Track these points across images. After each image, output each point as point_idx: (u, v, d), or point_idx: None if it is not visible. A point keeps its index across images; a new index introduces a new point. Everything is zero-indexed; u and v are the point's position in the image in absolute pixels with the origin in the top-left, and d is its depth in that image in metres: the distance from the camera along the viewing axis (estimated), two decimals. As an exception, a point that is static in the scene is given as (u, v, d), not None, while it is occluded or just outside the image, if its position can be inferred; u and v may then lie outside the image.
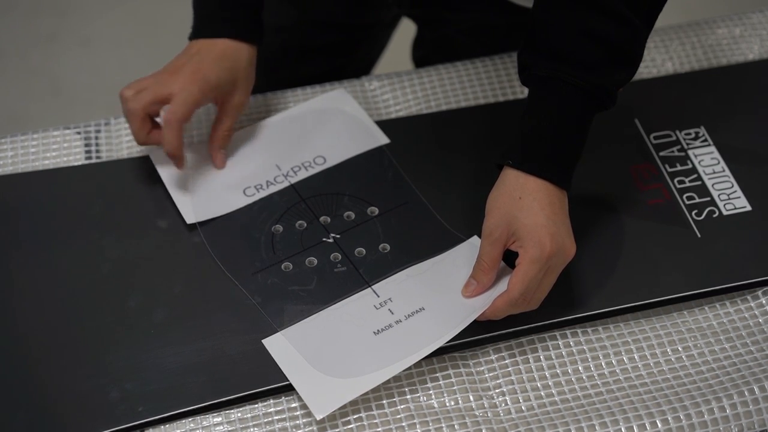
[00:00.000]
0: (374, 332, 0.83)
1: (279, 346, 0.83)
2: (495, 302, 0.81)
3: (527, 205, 0.81)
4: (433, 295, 0.86)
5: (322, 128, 0.99)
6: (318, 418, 0.78)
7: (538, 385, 0.83)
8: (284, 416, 0.80)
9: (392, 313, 0.85)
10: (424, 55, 1.24)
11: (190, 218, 0.91)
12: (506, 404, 0.81)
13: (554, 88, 0.82)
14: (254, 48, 0.94)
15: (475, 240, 0.90)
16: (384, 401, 0.81)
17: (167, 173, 0.94)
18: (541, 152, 0.82)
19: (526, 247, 0.80)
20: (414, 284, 0.87)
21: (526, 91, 1.03)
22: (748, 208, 0.93)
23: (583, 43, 0.81)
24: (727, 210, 0.93)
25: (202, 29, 0.93)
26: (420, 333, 0.83)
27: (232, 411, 0.81)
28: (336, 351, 0.82)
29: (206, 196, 0.93)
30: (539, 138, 0.82)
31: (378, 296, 0.86)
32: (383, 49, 1.25)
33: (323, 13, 1.12)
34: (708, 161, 0.97)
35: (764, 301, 0.88)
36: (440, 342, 0.82)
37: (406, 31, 1.25)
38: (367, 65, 1.25)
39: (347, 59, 1.18)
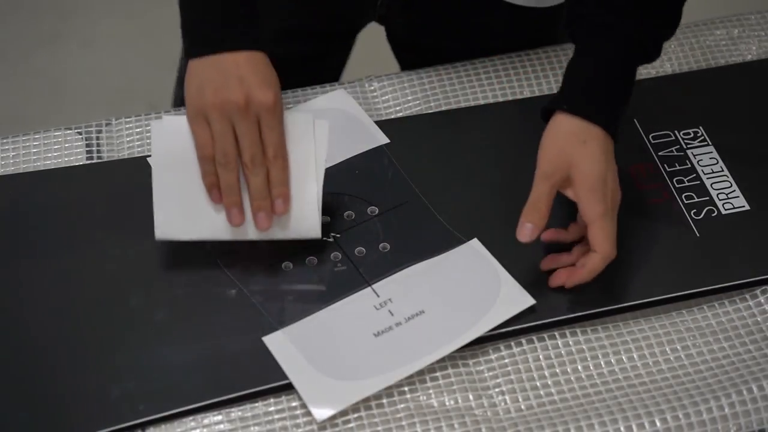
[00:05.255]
0: (374, 334, 0.83)
1: (279, 343, 0.83)
2: (589, 265, 0.83)
3: (590, 152, 0.83)
4: (433, 298, 0.86)
5: (323, 128, 0.99)
6: (319, 421, 0.79)
7: (538, 384, 0.83)
8: (284, 415, 0.81)
9: (392, 315, 0.85)
10: (409, 59, 1.22)
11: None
12: (506, 404, 0.82)
13: (610, 37, 0.85)
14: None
15: (475, 243, 0.90)
16: (384, 400, 0.81)
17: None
18: (601, 100, 0.85)
19: (591, 202, 0.83)
20: (414, 285, 0.87)
21: (525, 91, 1.03)
22: (747, 207, 0.94)
23: None
24: (726, 209, 0.93)
25: (221, 42, 0.86)
26: (420, 339, 0.83)
27: (233, 410, 0.81)
28: (336, 351, 0.83)
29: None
30: (596, 85, 0.85)
31: (378, 296, 0.86)
32: (349, 55, 1.24)
33: (302, 22, 1.09)
34: (707, 161, 0.97)
35: (763, 301, 0.88)
36: (441, 353, 0.82)
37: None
38: (337, 74, 1.22)
39: (318, 68, 1.15)
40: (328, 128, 0.86)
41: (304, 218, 0.86)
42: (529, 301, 0.85)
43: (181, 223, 0.86)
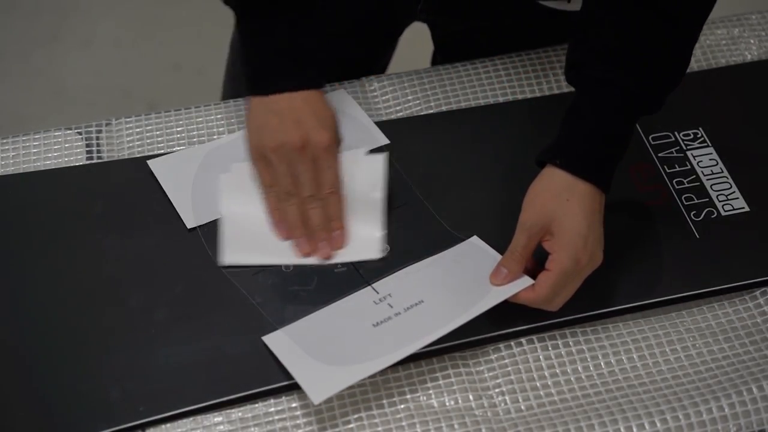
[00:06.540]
0: (373, 324, 0.83)
1: (279, 341, 0.83)
2: (520, 295, 0.83)
3: (572, 210, 0.82)
4: (433, 289, 0.86)
5: (323, 129, 0.99)
6: (316, 403, 0.78)
7: (538, 385, 0.83)
8: (284, 416, 0.81)
9: (391, 307, 0.85)
10: (443, 59, 1.23)
11: (190, 223, 0.91)
12: (506, 404, 0.82)
13: (607, 92, 0.83)
14: None
15: (475, 240, 0.90)
16: (384, 401, 0.81)
17: (166, 179, 0.94)
18: (592, 156, 0.83)
19: (560, 256, 0.81)
20: (413, 280, 0.87)
21: (525, 91, 1.03)
22: (746, 209, 0.94)
23: (638, 47, 0.82)
24: (726, 211, 0.94)
25: (278, 84, 0.90)
26: (419, 324, 0.83)
27: (233, 410, 0.81)
28: (335, 342, 0.82)
29: (207, 199, 0.93)
30: (590, 141, 0.83)
31: (377, 293, 0.86)
32: (392, 56, 1.25)
33: (345, 25, 1.09)
34: (706, 162, 0.97)
35: (762, 302, 0.88)
36: (440, 333, 0.81)
37: (406, 33, 1.26)
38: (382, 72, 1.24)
39: (366, 70, 1.17)
40: (384, 159, 0.92)
41: (365, 243, 0.90)
42: (527, 281, 0.84)
43: (246, 251, 0.90)
